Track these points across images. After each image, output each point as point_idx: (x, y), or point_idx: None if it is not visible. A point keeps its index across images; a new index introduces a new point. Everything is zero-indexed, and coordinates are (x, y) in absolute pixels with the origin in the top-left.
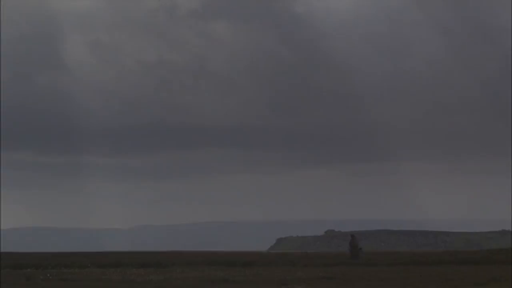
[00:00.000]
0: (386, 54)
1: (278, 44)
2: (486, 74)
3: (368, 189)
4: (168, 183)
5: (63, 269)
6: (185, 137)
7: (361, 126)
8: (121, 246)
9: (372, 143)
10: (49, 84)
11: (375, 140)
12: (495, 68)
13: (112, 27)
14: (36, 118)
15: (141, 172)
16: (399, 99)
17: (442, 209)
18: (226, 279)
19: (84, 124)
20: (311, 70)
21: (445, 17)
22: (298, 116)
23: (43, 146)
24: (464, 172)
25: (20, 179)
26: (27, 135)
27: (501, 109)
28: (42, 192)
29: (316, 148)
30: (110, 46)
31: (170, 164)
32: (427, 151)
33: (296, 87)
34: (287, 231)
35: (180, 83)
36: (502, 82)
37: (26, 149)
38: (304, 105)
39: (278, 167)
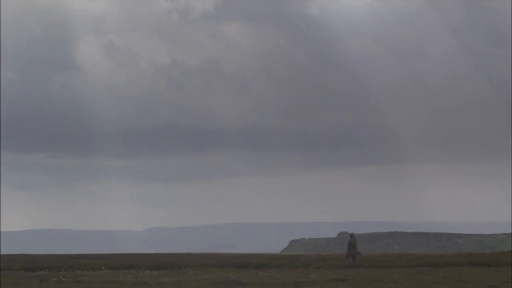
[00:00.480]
0: (399, 56)
1: (292, 46)
2: (499, 76)
3: (381, 191)
4: (181, 185)
5: (76, 271)
6: (198, 140)
7: (374, 128)
8: (134, 248)
9: (385, 145)
10: (62, 87)
11: (388, 142)
12: (508, 70)
13: (125, 29)
14: (50, 120)
15: (154, 174)
16: (413, 101)
17: (455, 211)
18: (239, 281)
19: (97, 126)
20: (325, 72)
21: (459, 19)
22: (311, 118)
23: (57, 148)
24: (478, 174)
25: (34, 181)
26: (40, 138)
27: None
28: (55, 194)
29: (329, 150)
30: (124, 48)
31: (183, 166)
32: (440, 153)
33: (309, 89)
34: (300, 233)
35: (193, 85)
36: None
37: (40, 152)
38: (317, 107)
39: (290, 169)
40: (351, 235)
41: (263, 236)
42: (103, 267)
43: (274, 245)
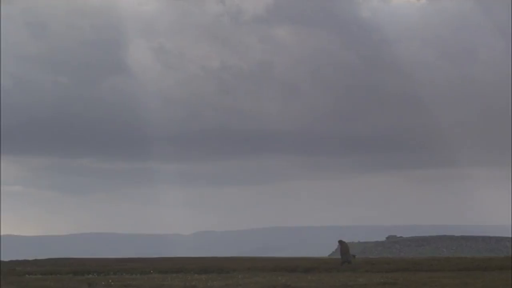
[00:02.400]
0: (449, 58)
1: (342, 48)
2: None
3: (430, 194)
4: (230, 188)
5: (124, 275)
6: (248, 143)
7: (424, 132)
8: (183, 252)
9: (435, 148)
10: (112, 90)
11: (438, 146)
12: None
13: (175, 33)
14: (100, 124)
15: (203, 177)
16: (463, 103)
17: (504, 215)
18: (287, 285)
19: (147, 130)
20: (376, 75)
21: (508, 20)
22: (361, 122)
23: (107, 152)
24: None
25: (83, 185)
26: (90, 142)
27: None
28: (104, 198)
29: (379, 154)
30: (174, 51)
31: (233, 170)
32: (490, 156)
33: (360, 92)
34: (349, 237)
35: (243, 88)
36: None
37: (89, 156)
38: (368, 110)
39: (340, 173)
40: (341, 242)
41: (311, 239)
42: (151, 271)
43: (322, 249)
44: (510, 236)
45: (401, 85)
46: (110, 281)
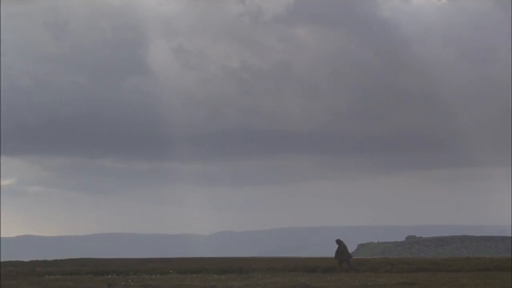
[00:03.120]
0: (469, 58)
1: (363, 49)
2: None
3: (450, 194)
4: (250, 189)
5: (144, 275)
6: (269, 143)
7: (444, 131)
8: (202, 252)
9: (455, 148)
10: (132, 90)
11: (458, 145)
12: None
13: (195, 33)
14: (120, 124)
15: (223, 178)
16: (483, 103)
17: None
18: (307, 285)
19: (167, 130)
20: (396, 75)
21: None
22: (381, 121)
23: (126, 152)
24: None
25: (103, 185)
26: (110, 142)
27: None
28: (124, 198)
29: (399, 154)
30: (194, 51)
31: (253, 170)
32: (509, 156)
33: (380, 91)
34: (368, 237)
35: (263, 88)
36: None
37: (109, 156)
38: (388, 110)
39: (359, 173)
40: (338, 242)
41: (331, 239)
42: (171, 271)
43: None
44: None
45: (421, 84)
46: (130, 281)
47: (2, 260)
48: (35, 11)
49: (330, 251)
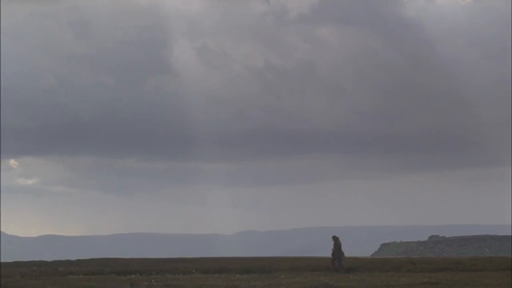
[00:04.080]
0: (494, 58)
1: (387, 49)
2: None
3: (473, 194)
4: (273, 188)
5: (167, 275)
6: (292, 143)
7: (468, 131)
8: (225, 252)
9: (478, 148)
10: (156, 90)
11: (481, 145)
12: None
13: (219, 32)
14: (143, 124)
15: (247, 177)
16: (506, 104)
17: None
18: (330, 285)
19: (191, 129)
20: (420, 74)
21: None
22: (405, 121)
23: (149, 152)
24: None
25: (126, 185)
26: (134, 141)
27: None
28: (147, 198)
29: (422, 153)
30: (218, 51)
31: (276, 170)
32: None
33: (404, 91)
34: (391, 237)
35: (287, 88)
36: None
37: (132, 156)
38: (412, 110)
39: (383, 173)
40: (334, 238)
41: (354, 239)
42: (193, 271)
43: (365, 249)
44: None
45: (445, 84)
46: (153, 281)
47: (24, 259)
48: (59, 11)
49: (352, 251)
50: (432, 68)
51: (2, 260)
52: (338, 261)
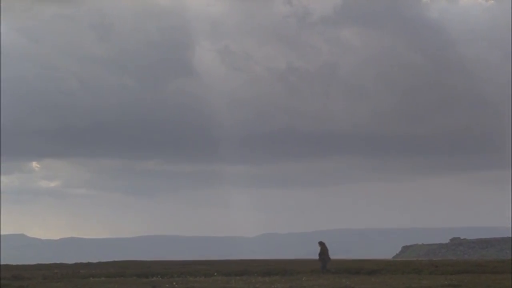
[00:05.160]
0: None
1: (410, 50)
2: None
3: (495, 196)
4: (295, 190)
5: (188, 278)
6: (313, 145)
7: (490, 133)
8: (247, 254)
9: (500, 149)
10: (178, 92)
11: (503, 147)
12: None
13: (241, 34)
14: (165, 125)
15: (269, 179)
16: None
17: None
18: (351, 287)
19: (213, 131)
20: (443, 76)
21: None
22: (427, 123)
23: (171, 154)
24: None
25: (147, 187)
26: (156, 144)
27: None
28: (169, 200)
29: (444, 155)
30: (240, 53)
31: (298, 172)
32: None
33: (426, 93)
34: (413, 239)
35: (309, 90)
36: None
37: (154, 158)
38: (433, 112)
39: (405, 174)
40: (321, 244)
41: (375, 241)
42: (215, 273)
43: (386, 251)
44: None
45: (468, 86)
46: (174, 283)
47: (46, 262)
48: (80, 12)
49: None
50: (454, 69)
51: (24, 263)
52: (324, 265)
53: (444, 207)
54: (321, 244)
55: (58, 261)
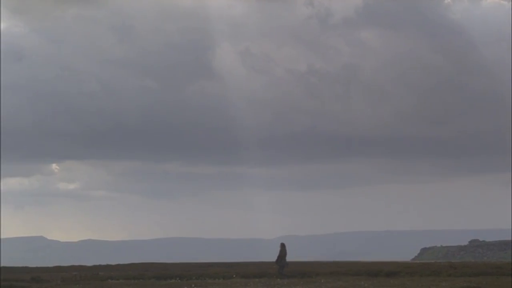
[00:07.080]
0: None
1: (431, 52)
2: None
3: None
4: (315, 192)
5: (207, 280)
6: (335, 147)
7: (509, 134)
8: (266, 256)
9: None
10: (199, 94)
11: None
12: None
13: (262, 36)
14: (185, 127)
15: (289, 181)
16: None
17: None
18: None
19: (233, 133)
20: (465, 78)
21: None
22: (449, 125)
23: (191, 156)
24: None
25: (167, 189)
26: (176, 146)
27: None
28: (188, 202)
29: (465, 157)
30: (261, 55)
31: (318, 174)
32: None
33: (448, 95)
34: (431, 241)
35: (330, 92)
36: None
37: (174, 160)
38: (456, 114)
39: (425, 177)
40: (282, 245)
41: (394, 244)
42: (234, 276)
43: (405, 253)
44: None
45: (489, 87)
46: (193, 285)
47: (65, 264)
48: (101, 14)
49: (393, 255)
50: (476, 70)
51: (43, 265)
52: (281, 269)
53: (463, 209)
54: (282, 245)
55: (77, 263)
